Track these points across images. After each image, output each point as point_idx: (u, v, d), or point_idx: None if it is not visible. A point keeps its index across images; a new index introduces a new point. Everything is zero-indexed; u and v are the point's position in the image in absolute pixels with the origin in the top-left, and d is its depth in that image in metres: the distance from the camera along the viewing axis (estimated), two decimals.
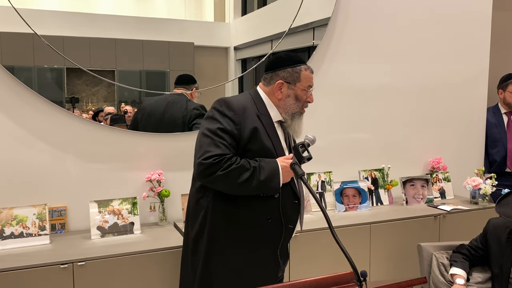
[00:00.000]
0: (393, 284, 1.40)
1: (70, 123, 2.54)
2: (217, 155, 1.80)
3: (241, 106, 1.91)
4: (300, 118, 2.05)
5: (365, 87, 3.25)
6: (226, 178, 1.81)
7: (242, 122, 1.88)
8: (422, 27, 3.40)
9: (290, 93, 2.00)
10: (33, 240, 2.31)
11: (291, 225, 2.00)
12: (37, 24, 2.43)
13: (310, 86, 2.03)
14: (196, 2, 3.07)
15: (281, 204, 1.95)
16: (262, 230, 1.92)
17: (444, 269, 2.47)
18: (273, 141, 1.95)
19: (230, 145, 1.85)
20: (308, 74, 2.03)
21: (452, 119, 3.59)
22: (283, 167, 1.88)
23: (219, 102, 1.93)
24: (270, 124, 1.98)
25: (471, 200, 3.24)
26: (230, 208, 1.90)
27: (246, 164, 1.84)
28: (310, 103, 2.07)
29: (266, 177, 1.84)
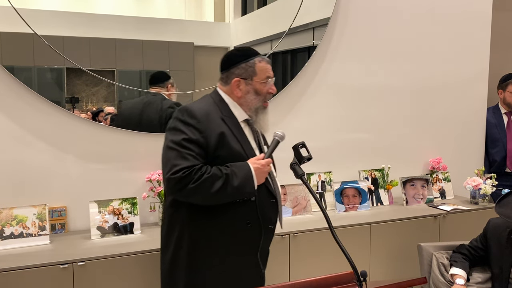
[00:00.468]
0: (393, 284, 1.40)
1: (70, 123, 2.53)
2: (186, 168, 1.73)
3: (203, 112, 1.84)
4: (265, 113, 1.97)
5: (365, 87, 3.25)
6: (199, 189, 1.74)
7: (207, 129, 1.81)
8: (422, 27, 3.40)
9: (248, 89, 1.92)
10: (33, 240, 2.31)
11: (272, 226, 1.96)
12: (37, 24, 2.43)
13: (269, 77, 1.95)
14: (196, 2, 3.07)
15: (259, 206, 1.89)
16: (243, 236, 1.88)
17: (444, 269, 2.47)
18: (242, 143, 1.89)
19: (198, 155, 1.78)
20: (263, 65, 1.94)
21: (452, 119, 3.59)
22: (255, 169, 1.82)
23: (180, 111, 1.84)
24: (236, 126, 1.91)
25: (471, 200, 3.24)
26: (207, 221, 1.84)
27: (218, 172, 1.77)
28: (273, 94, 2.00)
29: (240, 182, 1.78)
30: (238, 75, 1.92)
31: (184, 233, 1.86)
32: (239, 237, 1.87)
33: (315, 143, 3.03)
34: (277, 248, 2.52)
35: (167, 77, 2.81)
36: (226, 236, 1.86)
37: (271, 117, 2.94)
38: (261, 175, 1.84)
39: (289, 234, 2.54)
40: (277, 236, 2.51)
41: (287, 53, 3.20)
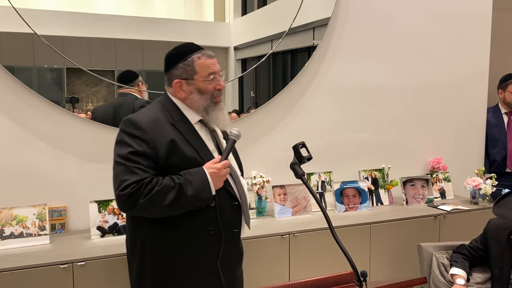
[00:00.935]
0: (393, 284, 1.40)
1: (70, 123, 2.53)
2: (135, 182, 1.65)
3: (150, 121, 1.74)
4: (217, 109, 1.84)
5: (365, 87, 3.25)
6: (151, 204, 1.66)
7: (154, 138, 1.71)
8: (422, 27, 3.40)
9: (191, 89, 1.81)
10: (33, 240, 2.31)
11: (236, 229, 1.86)
12: (37, 24, 2.43)
13: (212, 73, 1.82)
14: (196, 2, 3.07)
15: (219, 211, 1.78)
16: (206, 243, 1.79)
17: (444, 269, 2.47)
18: (196, 147, 1.78)
19: (147, 167, 1.69)
20: (203, 61, 1.81)
21: (452, 119, 3.59)
22: (211, 173, 1.72)
23: (124, 123, 1.75)
24: (190, 129, 1.81)
25: (471, 200, 3.24)
26: (170, 230, 1.76)
27: (170, 183, 1.68)
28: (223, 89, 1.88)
29: (196, 190, 1.69)
30: (178, 76, 1.82)
31: (146, 248, 1.79)
32: (203, 244, 1.78)
33: (315, 143, 3.04)
34: (277, 248, 2.52)
35: (136, 75, 2.71)
36: (189, 246, 1.77)
37: (271, 117, 2.99)
38: (219, 179, 1.74)
39: (289, 234, 2.54)
40: (277, 236, 2.51)
41: (287, 53, 3.20)
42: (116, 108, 2.68)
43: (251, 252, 2.44)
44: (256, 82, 3.19)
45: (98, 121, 2.61)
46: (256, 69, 3.08)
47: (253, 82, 3.17)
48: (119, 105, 2.68)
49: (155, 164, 1.72)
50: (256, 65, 3.03)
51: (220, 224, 1.79)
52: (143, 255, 1.80)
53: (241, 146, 2.89)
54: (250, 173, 2.89)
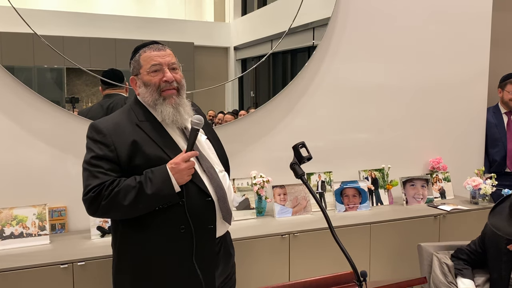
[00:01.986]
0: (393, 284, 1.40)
1: (70, 123, 2.53)
2: (96, 186, 1.66)
3: (110, 125, 1.74)
4: (168, 104, 1.77)
5: (365, 87, 3.25)
6: (112, 205, 1.65)
7: (115, 141, 1.70)
8: (422, 27, 3.40)
9: (139, 83, 1.81)
10: (33, 240, 2.31)
11: (210, 225, 1.78)
12: (37, 24, 2.43)
13: (156, 64, 1.77)
14: (196, 2, 3.07)
15: (188, 208, 1.72)
16: (178, 242, 1.74)
17: (448, 270, 2.45)
18: (162, 146, 1.74)
19: (109, 170, 1.68)
20: (147, 54, 1.79)
21: (452, 119, 3.59)
22: (172, 169, 1.68)
23: (89, 129, 1.77)
24: (156, 128, 1.77)
25: (471, 200, 3.24)
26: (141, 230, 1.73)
27: (131, 182, 1.66)
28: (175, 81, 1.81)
29: (156, 188, 1.65)
30: (132, 74, 1.83)
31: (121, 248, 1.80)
32: (174, 244, 1.74)
33: (315, 143, 3.04)
34: (277, 248, 2.52)
35: (122, 74, 2.66)
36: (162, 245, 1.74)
37: (271, 117, 2.99)
38: (180, 173, 1.68)
39: (289, 234, 2.54)
40: (277, 236, 2.51)
41: (287, 53, 3.21)
42: (109, 110, 2.58)
43: (251, 252, 2.45)
44: (256, 82, 3.19)
45: None
46: (256, 69, 3.08)
47: (253, 82, 3.17)
48: (112, 106, 2.60)
49: (117, 166, 1.71)
50: (256, 65, 3.03)
51: (190, 221, 1.72)
52: (120, 254, 1.81)
53: (241, 146, 2.91)
54: (250, 173, 2.89)
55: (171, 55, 1.84)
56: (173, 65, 1.82)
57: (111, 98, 2.63)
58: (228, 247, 1.96)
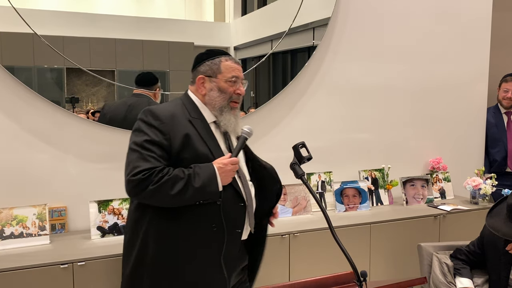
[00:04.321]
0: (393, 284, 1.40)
1: (70, 123, 2.53)
2: (147, 170, 1.70)
3: (168, 114, 1.80)
4: (232, 114, 1.90)
5: (365, 87, 3.25)
6: (159, 191, 1.70)
7: (171, 130, 1.77)
8: (422, 27, 3.40)
9: (212, 86, 1.88)
10: (33, 240, 2.31)
11: (238, 230, 1.86)
12: (37, 24, 2.43)
13: (236, 77, 1.89)
14: (196, 2, 3.07)
15: (223, 209, 1.80)
16: (208, 239, 1.80)
17: (448, 270, 2.45)
18: (209, 145, 1.83)
19: (160, 156, 1.74)
20: (230, 64, 1.90)
21: (452, 119, 3.59)
22: (219, 168, 1.76)
23: (144, 113, 1.81)
24: (205, 127, 1.86)
25: (471, 200, 3.24)
26: (173, 224, 1.78)
27: (180, 174, 1.73)
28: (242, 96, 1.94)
29: (202, 183, 1.72)
30: (203, 73, 1.90)
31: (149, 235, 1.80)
32: (204, 241, 1.80)
33: (315, 143, 3.04)
34: (277, 248, 2.52)
35: (156, 80, 2.74)
36: (191, 240, 1.79)
37: (271, 117, 2.98)
38: (225, 174, 1.76)
39: (289, 234, 2.54)
40: (277, 236, 2.51)
41: (287, 53, 3.21)
42: (130, 107, 2.68)
43: None
44: (256, 82, 3.19)
45: (108, 117, 2.63)
46: (256, 69, 3.08)
47: (253, 82, 3.17)
48: (133, 105, 2.67)
49: (168, 155, 1.77)
50: (256, 65, 3.03)
51: (224, 222, 1.80)
52: (146, 241, 1.80)
53: None
54: None
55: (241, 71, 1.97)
56: (244, 81, 1.96)
57: (137, 97, 2.70)
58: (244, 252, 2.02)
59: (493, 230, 2.15)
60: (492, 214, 2.25)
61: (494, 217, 2.22)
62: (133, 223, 1.86)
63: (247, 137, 1.86)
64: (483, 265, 2.39)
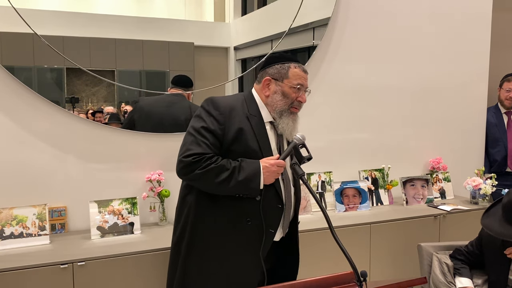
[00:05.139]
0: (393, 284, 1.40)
1: (70, 123, 2.53)
2: (198, 154, 1.80)
3: (228, 106, 1.90)
4: (290, 118, 1.97)
5: (365, 87, 3.25)
6: (204, 177, 1.80)
7: (227, 122, 1.86)
8: (422, 27, 3.40)
9: (277, 89, 1.95)
10: (33, 240, 2.31)
11: (272, 230, 1.92)
12: (37, 24, 2.43)
13: (301, 85, 1.96)
14: (196, 2, 3.07)
15: (263, 207, 1.87)
16: (242, 232, 1.88)
17: (448, 270, 2.45)
18: (260, 143, 1.90)
19: (213, 144, 1.84)
20: (297, 71, 1.96)
21: (453, 119, 3.59)
22: (264, 167, 1.83)
23: (206, 101, 1.92)
24: (260, 125, 1.93)
25: (471, 200, 3.24)
26: (212, 208, 1.89)
27: (227, 164, 1.82)
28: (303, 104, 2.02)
29: (246, 177, 1.80)
30: (270, 75, 1.96)
31: (189, 217, 1.92)
32: (238, 234, 1.88)
33: (315, 143, 3.03)
34: None
35: (192, 83, 2.85)
36: (225, 229, 1.88)
37: None
38: (269, 174, 1.83)
39: None
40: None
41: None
42: (170, 104, 2.78)
43: None
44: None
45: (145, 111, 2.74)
46: (256, 69, 3.08)
47: (253, 82, 3.16)
48: (173, 102, 2.78)
49: (220, 144, 1.86)
50: (256, 65, 3.03)
51: (262, 218, 1.86)
52: (187, 219, 1.92)
53: None
54: None
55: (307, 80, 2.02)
56: (307, 89, 2.02)
57: (176, 96, 2.79)
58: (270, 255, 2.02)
59: (488, 229, 2.15)
60: (488, 214, 2.24)
61: (489, 217, 2.21)
62: (181, 198, 1.98)
63: (298, 143, 1.89)
64: (482, 265, 2.38)
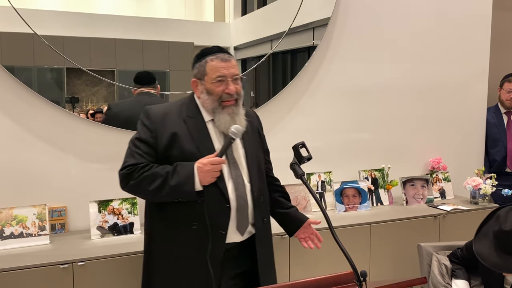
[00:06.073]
0: (393, 284, 1.40)
1: (70, 123, 2.53)
2: (131, 165, 1.80)
3: (160, 113, 1.86)
4: (225, 113, 1.85)
5: (365, 87, 3.25)
6: (139, 187, 1.79)
7: (159, 129, 1.83)
8: (422, 27, 3.40)
9: (202, 89, 1.87)
10: (33, 240, 2.31)
11: (222, 231, 1.83)
12: (37, 24, 2.43)
13: (221, 76, 1.83)
14: (196, 2, 3.07)
15: (207, 209, 1.78)
16: (190, 237, 1.82)
17: (446, 271, 2.45)
18: (198, 144, 1.83)
19: (146, 153, 1.82)
20: (214, 64, 1.84)
21: (452, 119, 3.59)
22: (198, 168, 1.76)
23: (142, 112, 1.90)
24: (200, 126, 1.87)
25: (471, 200, 3.24)
26: (161, 216, 1.87)
27: (161, 171, 1.78)
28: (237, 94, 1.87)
29: (179, 181, 1.75)
30: (195, 76, 1.91)
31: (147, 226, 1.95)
32: (186, 238, 1.83)
33: (315, 143, 3.04)
34: (277, 248, 2.52)
35: (155, 78, 2.77)
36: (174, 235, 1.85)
37: (271, 117, 2.98)
38: (204, 174, 1.75)
39: None
40: (277, 236, 2.51)
41: (287, 53, 3.20)
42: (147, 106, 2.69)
43: None
44: (256, 82, 3.18)
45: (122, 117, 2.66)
46: (256, 69, 3.08)
47: (253, 82, 3.17)
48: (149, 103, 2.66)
49: (154, 152, 1.84)
50: (256, 65, 3.03)
51: (207, 221, 1.78)
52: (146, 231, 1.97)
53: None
54: None
55: (235, 66, 1.90)
56: (235, 77, 1.88)
57: (149, 96, 2.71)
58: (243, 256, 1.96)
59: (482, 260, 2.04)
60: (479, 237, 2.13)
61: (481, 239, 2.11)
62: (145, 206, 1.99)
63: (234, 137, 1.79)
64: (477, 268, 2.38)
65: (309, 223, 2.14)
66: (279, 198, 2.18)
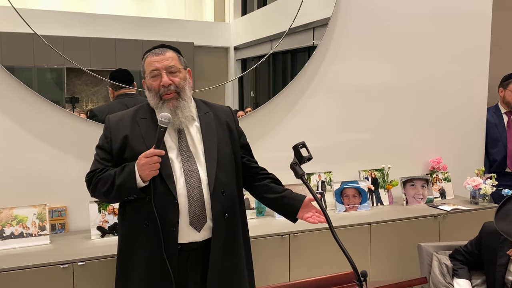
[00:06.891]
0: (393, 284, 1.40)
1: (70, 123, 2.54)
2: (90, 172, 1.88)
3: (115, 120, 1.90)
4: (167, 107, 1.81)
5: (365, 87, 3.25)
6: (96, 191, 1.85)
7: (113, 134, 1.87)
8: (422, 27, 3.40)
9: (146, 87, 1.90)
10: (33, 240, 2.32)
11: (173, 228, 1.77)
12: (37, 24, 2.43)
13: (154, 70, 1.82)
14: (196, 2, 3.07)
15: (156, 206, 1.76)
16: (145, 236, 1.80)
17: (447, 271, 2.45)
18: (149, 144, 1.77)
19: (103, 159, 1.88)
20: (149, 60, 1.85)
21: (452, 119, 3.59)
22: (137, 164, 1.74)
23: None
24: (151, 126, 1.84)
25: (471, 200, 3.24)
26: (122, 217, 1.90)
27: (111, 173, 1.81)
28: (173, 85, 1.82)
29: (123, 180, 1.76)
30: (143, 77, 1.93)
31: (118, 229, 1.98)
32: (143, 237, 1.81)
33: (315, 143, 3.04)
34: (277, 248, 2.52)
35: (132, 76, 2.70)
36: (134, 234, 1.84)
37: (271, 117, 2.98)
38: (142, 168, 1.72)
39: (289, 234, 2.54)
40: (277, 236, 2.51)
41: (287, 53, 3.20)
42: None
43: (251, 252, 2.44)
44: (256, 82, 3.19)
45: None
46: (256, 69, 3.08)
47: (253, 82, 3.17)
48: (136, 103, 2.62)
49: (110, 157, 1.88)
50: (256, 65, 3.03)
51: (157, 218, 1.76)
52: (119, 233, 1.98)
53: None
54: None
55: (171, 58, 1.85)
56: (171, 69, 1.84)
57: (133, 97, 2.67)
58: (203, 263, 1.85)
59: (506, 234, 2.08)
60: (499, 215, 2.17)
61: (503, 219, 2.14)
62: None
63: (164, 125, 1.73)
64: (481, 265, 2.38)
65: (309, 200, 1.97)
66: (269, 184, 2.06)
